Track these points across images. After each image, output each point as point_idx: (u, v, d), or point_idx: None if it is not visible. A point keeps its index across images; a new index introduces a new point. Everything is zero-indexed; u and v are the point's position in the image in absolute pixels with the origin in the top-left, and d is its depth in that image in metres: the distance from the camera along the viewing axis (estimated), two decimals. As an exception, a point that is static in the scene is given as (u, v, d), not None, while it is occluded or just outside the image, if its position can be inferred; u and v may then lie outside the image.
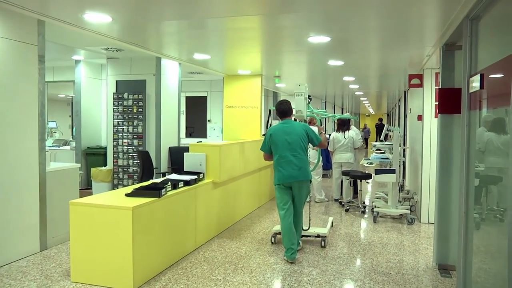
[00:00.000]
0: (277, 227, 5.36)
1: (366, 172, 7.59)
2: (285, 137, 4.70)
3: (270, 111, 7.52)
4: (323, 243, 5.09)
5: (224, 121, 8.25)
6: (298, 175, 4.63)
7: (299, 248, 4.88)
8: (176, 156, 7.22)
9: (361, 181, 7.31)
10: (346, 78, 8.61)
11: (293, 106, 5.04)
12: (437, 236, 4.36)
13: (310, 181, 4.79)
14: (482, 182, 3.04)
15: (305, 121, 5.32)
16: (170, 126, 7.41)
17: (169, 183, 4.47)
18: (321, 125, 5.86)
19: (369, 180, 7.99)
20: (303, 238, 5.30)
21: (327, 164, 10.99)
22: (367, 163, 7.11)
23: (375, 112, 31.69)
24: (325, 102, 16.26)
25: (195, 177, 4.97)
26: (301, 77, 8.78)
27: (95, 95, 8.45)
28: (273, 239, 5.23)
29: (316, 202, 7.77)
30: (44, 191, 4.64)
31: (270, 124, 7.76)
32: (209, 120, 11.85)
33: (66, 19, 4.26)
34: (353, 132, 7.77)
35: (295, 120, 5.07)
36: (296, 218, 4.78)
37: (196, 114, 12.70)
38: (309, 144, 4.85)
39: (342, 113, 21.40)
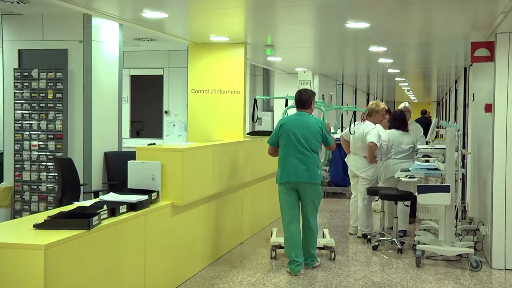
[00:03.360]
0: (277, 239, 6.64)
1: (402, 189, 7.57)
2: (298, 132, 5.96)
3: (255, 100, 7.65)
4: (332, 255, 6.52)
5: (189, 113, 8.21)
6: (303, 176, 5.92)
7: (316, 264, 6.21)
8: (116, 166, 7.17)
9: (396, 203, 7.30)
10: (373, 49, 8.63)
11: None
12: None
13: (322, 183, 6.06)
14: None
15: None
16: (106, 120, 7.34)
17: (105, 207, 4.43)
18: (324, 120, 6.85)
19: (408, 202, 7.98)
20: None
21: (343, 179, 11.01)
22: (406, 176, 7.11)
23: (419, 100, 31.93)
24: (342, 84, 16.33)
25: (144, 197, 4.94)
26: (305, 46, 8.76)
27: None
28: (273, 253, 6.54)
29: (351, 233, 7.85)
30: None
31: (257, 119, 7.78)
32: (166, 112, 11.79)
33: None
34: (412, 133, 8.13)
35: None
36: (307, 227, 6.09)
37: (146, 102, 12.60)
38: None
39: (368, 101, 21.53)
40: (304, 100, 6.14)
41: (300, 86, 6.43)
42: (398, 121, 8.02)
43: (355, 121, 7.86)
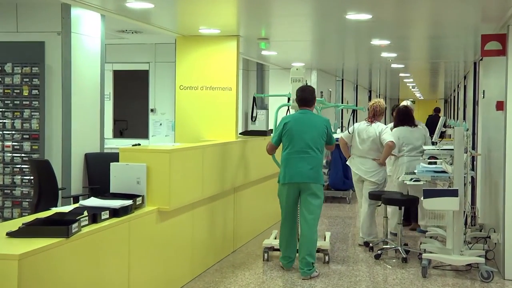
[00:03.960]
0: (270, 241, 7.00)
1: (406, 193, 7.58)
2: (303, 131, 6.30)
3: (254, 99, 8.04)
4: (326, 258, 6.79)
5: (177, 111, 8.20)
6: (308, 175, 6.23)
7: (314, 274, 6.25)
8: (98, 168, 7.17)
9: (400, 208, 7.32)
10: (376, 42, 8.65)
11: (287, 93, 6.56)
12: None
13: (323, 185, 6.46)
14: None
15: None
16: (86, 119, 7.32)
17: (85, 213, 4.43)
18: None
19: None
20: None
21: (343, 182, 11.02)
22: (411, 179, 7.12)
23: (425, 97, 32.12)
24: (342, 80, 16.37)
25: (129, 202, 4.94)
26: (302, 39, 8.76)
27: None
28: (265, 255, 6.87)
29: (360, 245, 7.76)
30: None
31: (255, 117, 7.90)
32: (152, 110, 11.76)
33: None
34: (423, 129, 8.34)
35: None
36: (306, 232, 6.26)
37: (130, 99, 12.57)
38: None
39: (370, 98, 21.61)
40: (308, 98, 6.46)
41: (293, 84, 6.87)
42: (405, 116, 8.23)
43: (354, 120, 7.95)
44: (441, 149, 7.74)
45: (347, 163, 8.16)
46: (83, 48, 7.21)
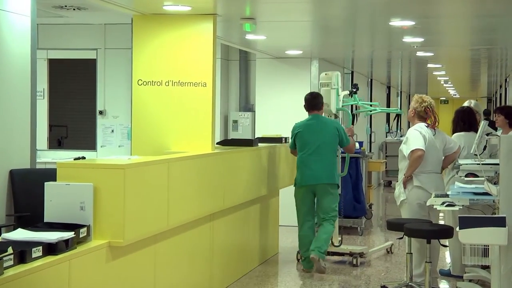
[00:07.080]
0: None
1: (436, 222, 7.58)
2: (314, 136, 8.50)
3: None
4: (354, 261, 8.96)
5: (134, 114, 8.21)
6: (321, 176, 8.43)
7: (323, 263, 8.40)
8: (27, 190, 7.14)
9: (429, 242, 7.32)
10: (396, 23, 8.68)
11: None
12: None
13: (338, 186, 8.79)
14: None
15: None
16: (12, 124, 7.28)
17: (10, 249, 4.40)
18: (353, 123, 9.71)
19: (447, 241, 8.01)
20: (333, 256, 9.23)
21: (354, 208, 11.05)
22: (443, 203, 7.13)
23: (462, 95, 32.36)
24: (352, 73, 16.42)
25: (69, 235, 4.92)
26: (299, 19, 8.80)
27: None
28: (299, 255, 9.05)
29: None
30: None
31: None
32: (101, 112, 11.74)
33: None
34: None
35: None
36: (324, 228, 8.48)
37: (72, 98, 12.52)
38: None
39: (389, 96, 21.74)
40: (316, 102, 8.73)
41: (320, 88, 8.96)
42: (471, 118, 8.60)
43: (399, 126, 8.36)
44: (482, 164, 7.76)
45: (416, 184, 7.82)
46: (6, 29, 7.16)
